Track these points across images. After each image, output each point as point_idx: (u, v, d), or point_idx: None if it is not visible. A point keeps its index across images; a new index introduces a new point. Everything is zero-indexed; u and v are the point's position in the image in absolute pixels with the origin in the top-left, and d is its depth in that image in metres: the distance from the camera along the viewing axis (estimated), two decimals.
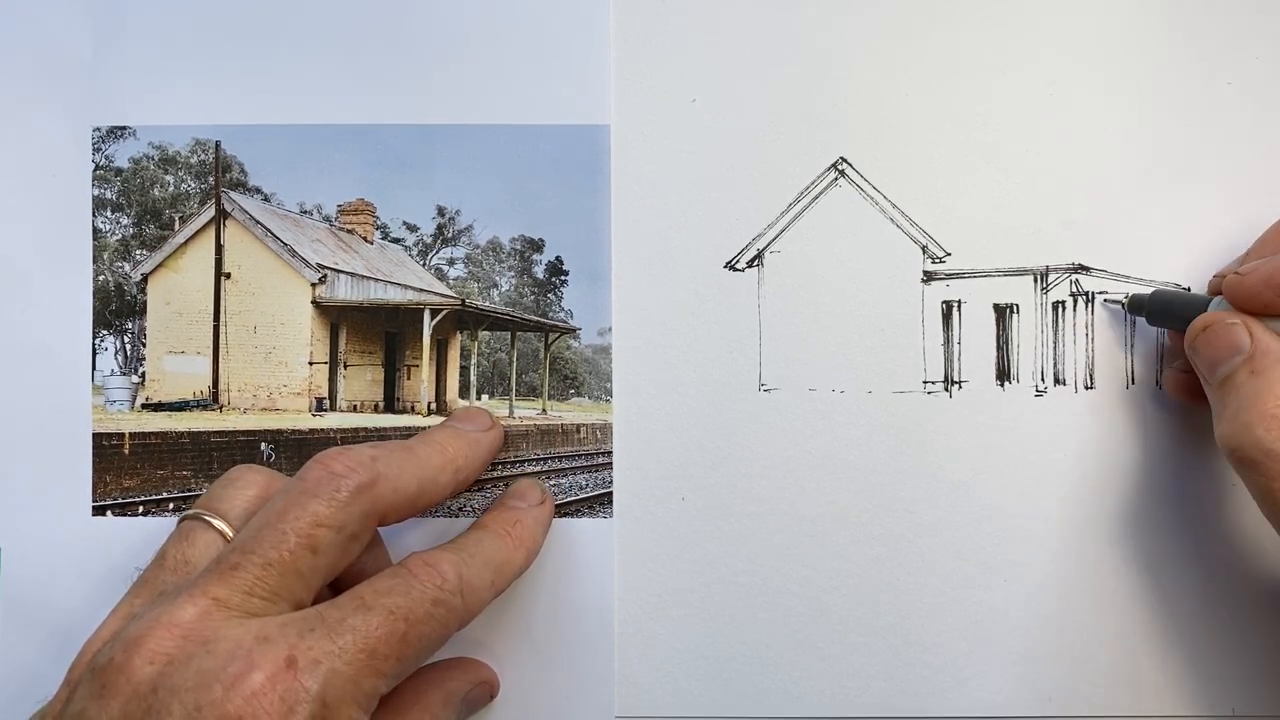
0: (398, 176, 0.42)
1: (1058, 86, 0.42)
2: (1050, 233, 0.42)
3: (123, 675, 0.30)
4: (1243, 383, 0.34)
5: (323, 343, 0.44)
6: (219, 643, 0.30)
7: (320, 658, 0.30)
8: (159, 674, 0.29)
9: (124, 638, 0.30)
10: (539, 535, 0.39)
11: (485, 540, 0.37)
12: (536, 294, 0.43)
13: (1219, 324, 0.36)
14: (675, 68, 0.42)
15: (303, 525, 0.32)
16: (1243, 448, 0.33)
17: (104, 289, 0.42)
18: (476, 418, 0.40)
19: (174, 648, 0.30)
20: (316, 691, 0.30)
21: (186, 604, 0.31)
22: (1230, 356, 0.35)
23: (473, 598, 0.34)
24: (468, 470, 0.38)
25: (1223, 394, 0.35)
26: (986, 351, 0.42)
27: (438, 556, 0.34)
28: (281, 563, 0.32)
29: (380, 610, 0.32)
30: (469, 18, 0.42)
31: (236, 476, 0.37)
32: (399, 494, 0.34)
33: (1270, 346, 0.34)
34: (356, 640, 0.31)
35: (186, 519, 0.36)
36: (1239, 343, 0.35)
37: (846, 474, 0.42)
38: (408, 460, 0.35)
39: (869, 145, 0.42)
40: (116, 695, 0.30)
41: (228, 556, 0.32)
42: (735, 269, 0.42)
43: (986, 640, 0.41)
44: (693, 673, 0.41)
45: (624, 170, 0.42)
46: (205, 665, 0.29)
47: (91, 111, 0.42)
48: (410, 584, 0.33)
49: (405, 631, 0.32)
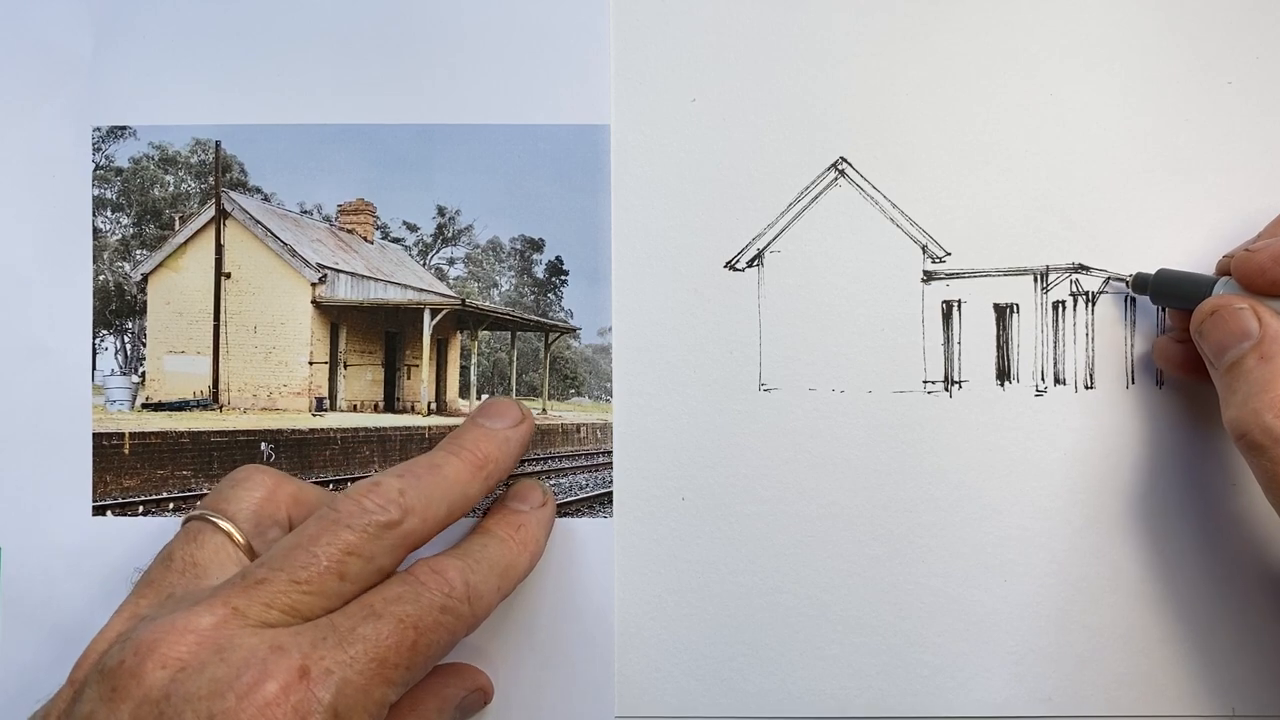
0: (398, 176, 0.42)
1: (1058, 86, 0.42)
2: (1050, 233, 0.42)
3: (134, 679, 0.29)
4: (1252, 368, 0.34)
5: (323, 343, 0.44)
6: (233, 651, 0.30)
7: (333, 667, 0.30)
8: (171, 680, 0.29)
9: (136, 640, 0.30)
10: (542, 538, 0.39)
11: (490, 545, 0.37)
12: (536, 294, 0.43)
13: (1227, 308, 0.36)
14: (675, 68, 0.42)
15: (334, 551, 0.32)
16: (1252, 433, 0.33)
17: (104, 289, 0.42)
18: (507, 412, 0.39)
19: (187, 653, 0.30)
20: (329, 702, 0.30)
21: (205, 612, 0.31)
22: (1239, 342, 0.35)
23: (480, 604, 0.34)
24: (498, 474, 0.38)
25: (1230, 379, 0.35)
26: (986, 351, 0.42)
27: (445, 564, 0.34)
28: (309, 583, 0.32)
29: (390, 619, 0.32)
30: (469, 18, 0.42)
31: (243, 477, 0.37)
32: (429, 523, 0.34)
33: (1276, 331, 0.34)
34: (368, 650, 0.31)
35: (193, 520, 0.35)
36: (1248, 328, 0.35)
37: (846, 474, 0.42)
38: (436, 485, 0.35)
39: (869, 145, 0.42)
40: (127, 699, 0.29)
41: (254, 571, 0.32)
42: (735, 269, 0.42)
43: (986, 640, 0.41)
44: (693, 673, 0.41)
45: (624, 170, 0.42)
46: (219, 673, 0.29)
47: (91, 111, 0.42)
48: (419, 592, 0.33)
49: (415, 640, 0.32)
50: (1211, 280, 0.38)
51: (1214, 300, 0.36)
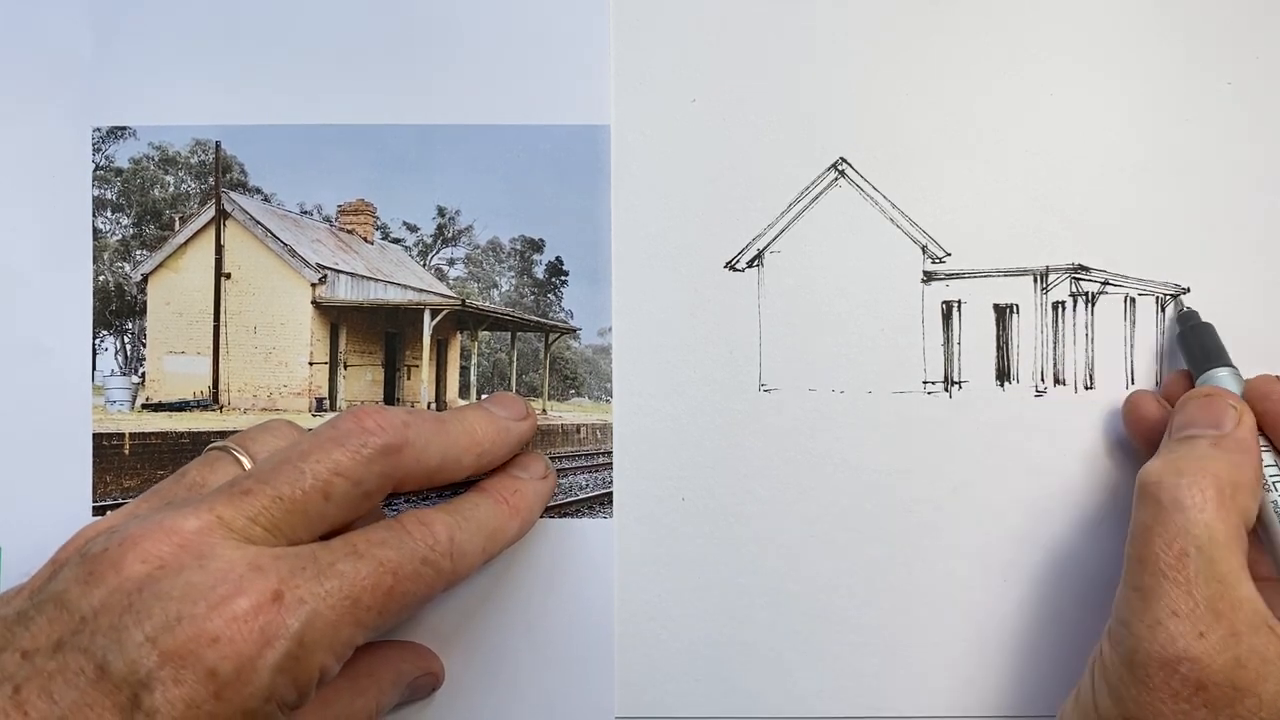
0: (398, 176, 0.42)
1: (1058, 87, 0.42)
2: (1050, 233, 0.42)
3: (113, 568, 0.30)
4: (1200, 446, 0.35)
5: (323, 343, 0.44)
6: (213, 560, 0.30)
7: (306, 597, 0.30)
8: (148, 575, 0.30)
9: (122, 533, 0.31)
10: (536, 508, 0.39)
11: (482, 506, 0.37)
12: (536, 294, 0.43)
13: (1219, 398, 0.36)
14: (675, 68, 0.42)
15: (322, 470, 0.32)
16: (1160, 487, 0.33)
17: (104, 289, 0.43)
18: (512, 405, 0.39)
19: (169, 554, 0.30)
20: (296, 630, 0.30)
21: (190, 515, 0.31)
22: (1206, 427, 0.36)
23: (462, 561, 0.35)
24: (492, 456, 0.38)
25: (1176, 444, 0.36)
26: (986, 351, 0.42)
27: (433, 516, 0.34)
28: (292, 500, 0.32)
29: (370, 560, 0.32)
30: (469, 18, 0.42)
31: (273, 426, 0.37)
32: (421, 464, 0.34)
33: (1242, 437, 0.35)
34: (343, 586, 0.31)
35: (215, 449, 0.36)
36: (1222, 420, 0.36)
37: (846, 474, 0.42)
38: (437, 434, 0.35)
39: (869, 145, 0.42)
40: (101, 584, 0.30)
41: (242, 481, 0.32)
42: (735, 269, 0.42)
43: (986, 640, 0.41)
44: (693, 673, 0.41)
45: (624, 170, 0.42)
46: (195, 579, 0.29)
47: (91, 111, 0.42)
48: (403, 539, 0.33)
49: (392, 585, 0.32)
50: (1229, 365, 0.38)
51: (1213, 388, 0.37)
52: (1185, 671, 0.31)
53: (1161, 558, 0.32)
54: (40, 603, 0.30)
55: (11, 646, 0.29)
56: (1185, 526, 0.33)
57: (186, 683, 0.28)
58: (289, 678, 0.30)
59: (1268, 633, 0.32)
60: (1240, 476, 0.34)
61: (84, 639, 0.29)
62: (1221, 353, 0.39)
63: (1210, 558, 0.32)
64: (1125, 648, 0.32)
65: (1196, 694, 0.31)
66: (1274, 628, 0.32)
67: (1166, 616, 0.32)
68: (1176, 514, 0.33)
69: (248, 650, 0.29)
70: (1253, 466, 0.35)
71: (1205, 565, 0.32)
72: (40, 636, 0.29)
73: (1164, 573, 0.32)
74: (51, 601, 0.30)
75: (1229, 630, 0.31)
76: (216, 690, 0.29)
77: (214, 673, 0.29)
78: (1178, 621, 0.32)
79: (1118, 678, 0.33)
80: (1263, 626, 0.32)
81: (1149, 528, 0.33)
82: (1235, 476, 0.34)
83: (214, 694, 0.28)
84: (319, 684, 0.31)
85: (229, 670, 0.29)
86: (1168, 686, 0.31)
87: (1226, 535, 0.33)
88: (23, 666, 0.29)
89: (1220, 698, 0.31)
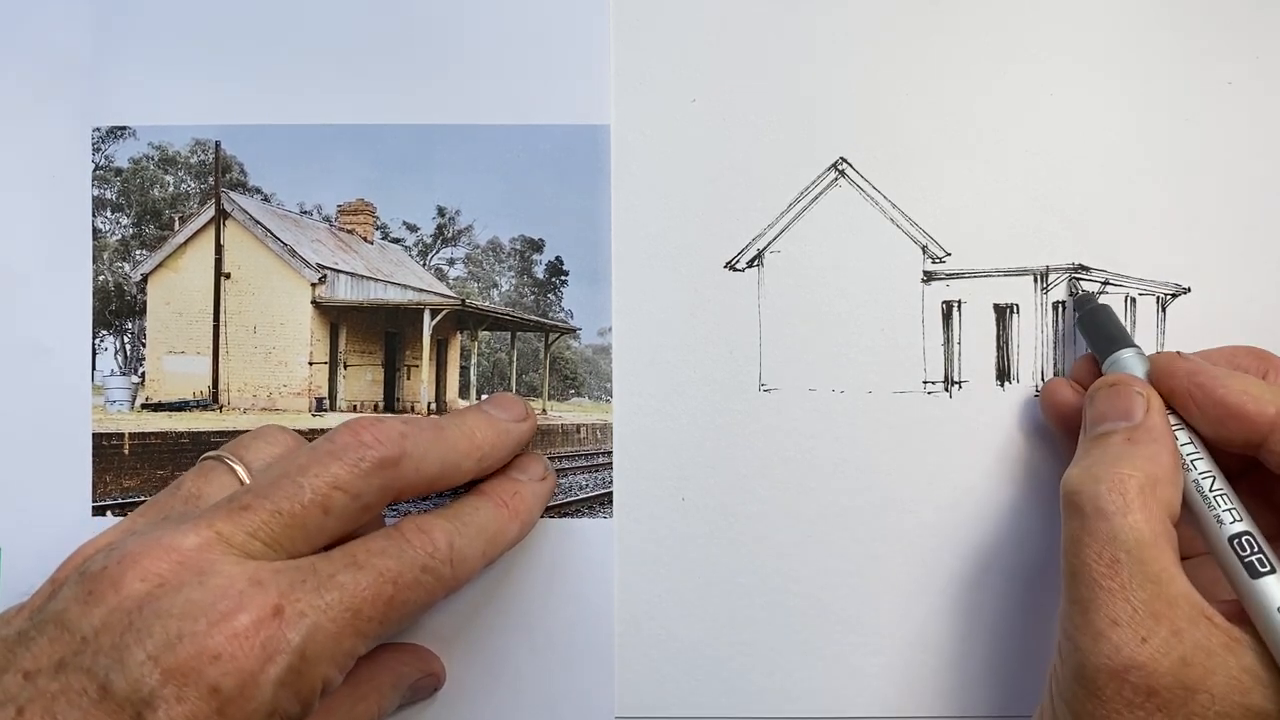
0: (398, 176, 0.42)
1: (1058, 86, 0.42)
2: (1050, 233, 0.42)
3: (113, 587, 0.30)
4: (1114, 444, 0.34)
5: (323, 343, 0.44)
6: (213, 576, 0.30)
7: (307, 611, 0.30)
8: (148, 593, 0.30)
9: (121, 551, 0.30)
10: (536, 510, 0.39)
11: (482, 509, 0.37)
12: (536, 294, 0.43)
13: (1124, 386, 0.36)
14: (675, 68, 0.42)
15: (320, 484, 0.32)
16: (1081, 496, 0.33)
17: (104, 289, 0.43)
18: (512, 406, 0.39)
19: (168, 571, 0.30)
20: (298, 644, 0.30)
21: (190, 532, 0.31)
22: (1117, 420, 0.35)
23: (462, 568, 0.34)
24: (492, 459, 0.38)
25: (1090, 445, 0.35)
26: (986, 351, 0.42)
27: (431, 523, 0.34)
28: (291, 514, 0.32)
29: (370, 570, 0.32)
30: (469, 18, 0.42)
31: (266, 433, 0.37)
32: (420, 474, 0.34)
33: (1154, 425, 0.35)
34: (343, 598, 0.31)
35: (209, 458, 0.36)
36: (1131, 410, 0.35)
37: (846, 474, 0.42)
38: (436, 442, 0.35)
39: (869, 145, 0.42)
40: (101, 603, 0.30)
41: (240, 496, 0.32)
42: (735, 269, 0.42)
43: (986, 640, 0.41)
44: (693, 673, 0.41)
45: (624, 170, 0.42)
46: (195, 596, 0.29)
47: (91, 111, 0.42)
48: (402, 548, 0.33)
49: (392, 595, 0.32)
50: (1131, 346, 0.38)
51: (1117, 375, 0.37)
52: (1134, 680, 0.31)
53: (1094, 568, 0.32)
54: (41, 623, 0.30)
55: (13, 668, 0.29)
56: (1112, 533, 0.32)
57: (189, 700, 0.28)
58: (292, 691, 0.30)
59: (1207, 624, 0.31)
60: (1158, 469, 0.33)
61: (86, 659, 0.29)
62: (1122, 334, 0.39)
63: (1140, 560, 0.32)
64: (1073, 662, 0.32)
65: (1149, 700, 0.30)
66: (1211, 617, 0.31)
67: (1107, 626, 0.31)
68: (1101, 522, 0.32)
69: (250, 666, 0.29)
70: (1169, 453, 0.34)
71: (1137, 568, 0.31)
72: (42, 657, 0.29)
73: (1098, 582, 0.32)
74: (52, 621, 0.30)
75: (1170, 630, 0.31)
76: (220, 707, 0.29)
77: (217, 689, 0.29)
78: (1119, 630, 0.31)
79: (1071, 693, 0.32)
80: (1201, 619, 0.31)
81: (1078, 539, 0.33)
82: (1153, 470, 0.33)
83: (217, 710, 0.29)
84: (322, 695, 0.31)
85: (232, 686, 0.29)
86: (1120, 697, 0.31)
87: (1153, 533, 0.32)
88: (25, 688, 0.29)
89: (1173, 700, 0.30)
